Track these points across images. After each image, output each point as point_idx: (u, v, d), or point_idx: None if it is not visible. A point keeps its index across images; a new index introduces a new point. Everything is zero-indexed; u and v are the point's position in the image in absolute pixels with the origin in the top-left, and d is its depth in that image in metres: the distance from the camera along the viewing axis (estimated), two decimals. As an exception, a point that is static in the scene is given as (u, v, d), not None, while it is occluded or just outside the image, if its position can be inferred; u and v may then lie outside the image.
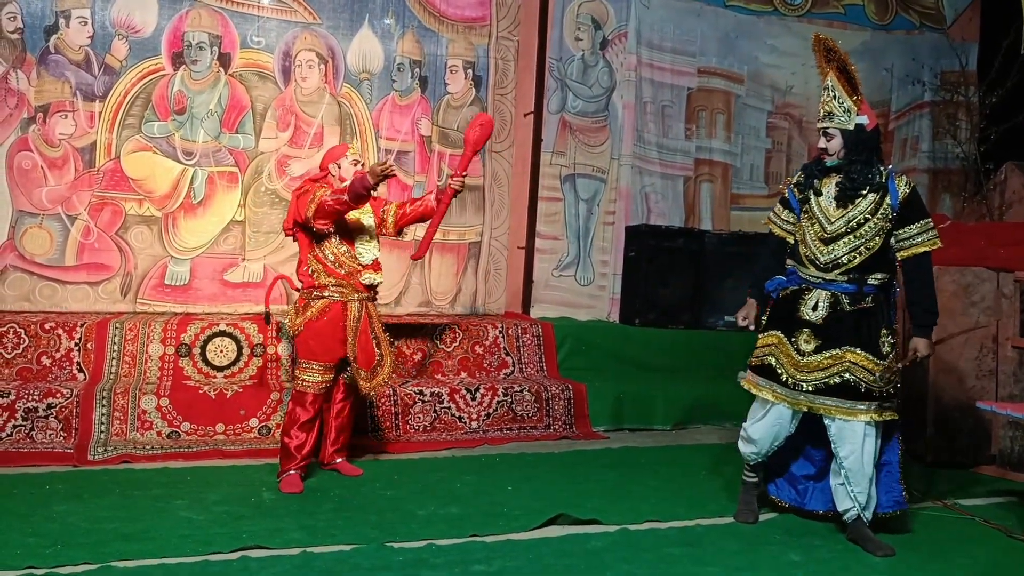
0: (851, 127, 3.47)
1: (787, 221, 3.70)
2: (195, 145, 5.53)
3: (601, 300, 6.50)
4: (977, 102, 6.96)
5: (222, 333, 4.97)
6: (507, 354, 5.58)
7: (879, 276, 3.48)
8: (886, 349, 3.44)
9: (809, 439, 3.70)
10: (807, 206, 3.57)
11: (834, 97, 3.48)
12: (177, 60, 5.49)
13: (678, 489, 4.17)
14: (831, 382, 3.42)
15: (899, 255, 3.50)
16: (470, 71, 6.16)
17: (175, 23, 5.48)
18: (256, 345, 5.02)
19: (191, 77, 5.52)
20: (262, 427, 4.63)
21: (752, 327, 3.72)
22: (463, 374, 5.42)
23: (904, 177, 3.55)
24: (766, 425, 3.62)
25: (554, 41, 6.28)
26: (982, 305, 4.88)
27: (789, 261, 3.67)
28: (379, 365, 4.08)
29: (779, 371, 3.53)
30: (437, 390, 5.01)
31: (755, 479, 3.81)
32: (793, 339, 3.51)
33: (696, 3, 6.66)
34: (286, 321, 4.23)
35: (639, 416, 5.47)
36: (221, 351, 4.97)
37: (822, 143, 3.53)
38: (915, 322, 3.55)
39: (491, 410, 5.09)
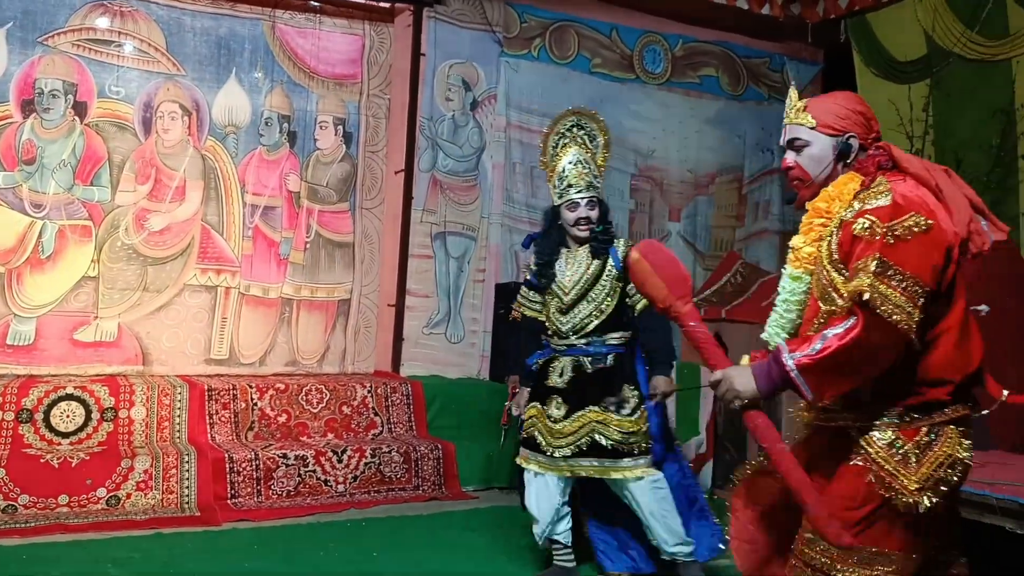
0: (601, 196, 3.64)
1: (535, 301, 3.74)
2: (45, 197, 5.25)
3: (471, 357, 6.51)
4: (820, 170, 7.46)
5: (69, 396, 4.68)
6: (376, 414, 5.49)
7: (616, 335, 3.56)
8: (631, 405, 3.47)
9: (617, 503, 3.66)
10: (544, 280, 3.62)
11: (588, 170, 3.57)
12: (27, 108, 5.22)
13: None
14: (583, 445, 3.43)
15: (635, 310, 3.55)
16: (340, 127, 6.14)
17: (26, 69, 5.23)
18: (107, 409, 4.74)
19: (42, 126, 5.26)
20: (111, 497, 4.37)
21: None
22: (330, 435, 5.28)
23: (623, 239, 3.67)
24: (536, 497, 3.59)
25: (425, 101, 6.34)
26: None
27: (545, 336, 3.72)
28: None
29: (540, 441, 3.53)
30: (302, 453, 4.87)
31: (571, 563, 3.70)
32: (546, 407, 3.54)
33: (563, 68, 6.89)
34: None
35: (510, 475, 5.47)
36: (67, 416, 4.67)
37: (583, 212, 3.55)
38: (654, 364, 3.62)
39: (358, 472, 4.98)
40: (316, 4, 5.99)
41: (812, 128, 2.17)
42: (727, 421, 5.61)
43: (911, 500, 1.94)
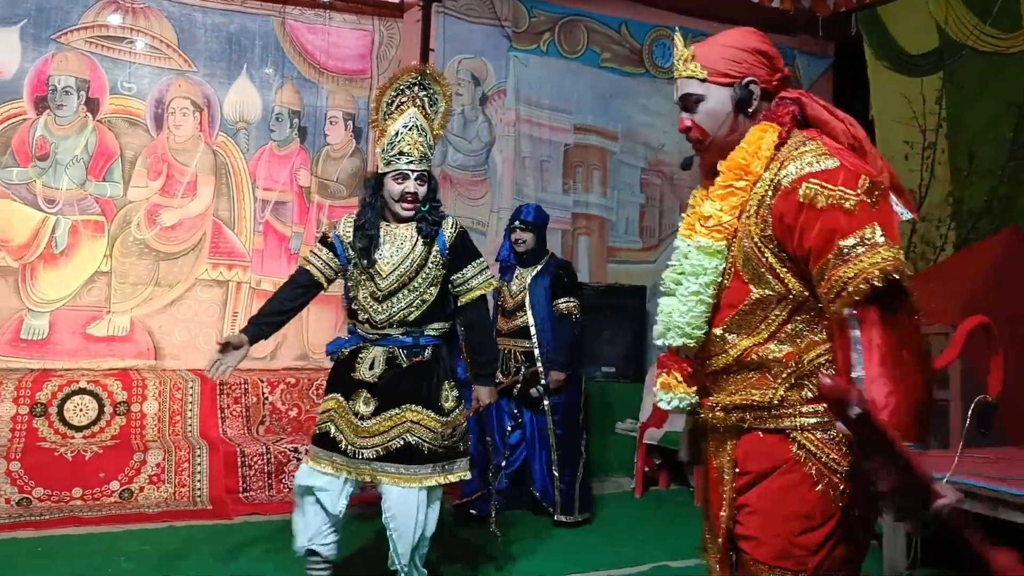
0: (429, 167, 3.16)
1: (327, 266, 3.21)
2: (58, 192, 5.28)
3: (482, 351, 6.51)
4: (832, 163, 7.42)
5: (82, 391, 4.73)
6: (386, 408, 5.51)
7: (437, 326, 3.18)
8: (449, 404, 3.11)
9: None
10: (364, 261, 3.12)
11: (424, 139, 3.12)
12: (40, 104, 5.25)
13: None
14: (392, 446, 3.02)
15: (460, 300, 3.20)
16: (350, 123, 6.15)
17: (39, 66, 5.25)
18: (119, 403, 4.79)
19: (55, 122, 5.29)
20: (124, 490, 4.41)
21: (213, 370, 3.09)
22: (341, 429, 5.31)
23: (450, 219, 3.23)
24: (314, 504, 3.10)
25: (435, 96, 6.35)
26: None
27: (350, 321, 3.27)
28: None
29: (339, 439, 3.06)
30: (313, 447, 4.90)
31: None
32: (352, 402, 3.08)
33: (572, 63, 6.89)
34: None
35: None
36: (81, 410, 4.71)
37: (411, 186, 3.07)
38: (478, 372, 3.26)
39: (369, 466, 5.00)
40: (325, 0, 6.00)
41: (703, 80, 1.81)
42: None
43: (846, 490, 1.65)
